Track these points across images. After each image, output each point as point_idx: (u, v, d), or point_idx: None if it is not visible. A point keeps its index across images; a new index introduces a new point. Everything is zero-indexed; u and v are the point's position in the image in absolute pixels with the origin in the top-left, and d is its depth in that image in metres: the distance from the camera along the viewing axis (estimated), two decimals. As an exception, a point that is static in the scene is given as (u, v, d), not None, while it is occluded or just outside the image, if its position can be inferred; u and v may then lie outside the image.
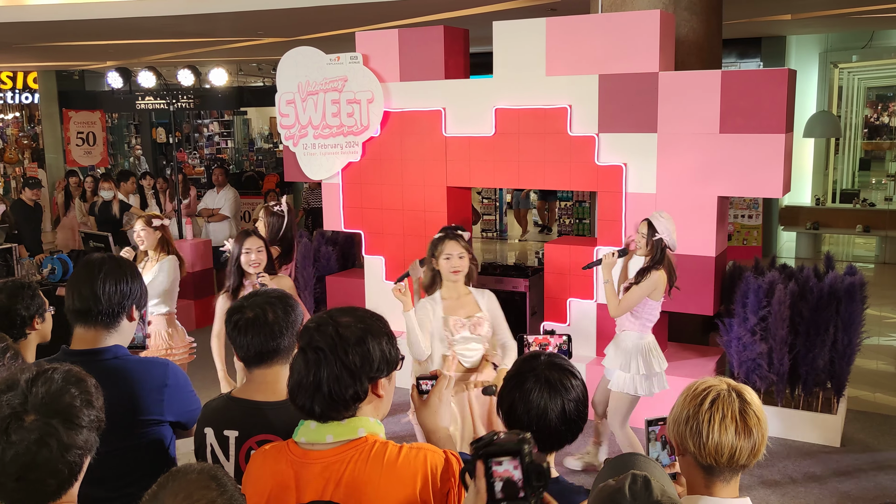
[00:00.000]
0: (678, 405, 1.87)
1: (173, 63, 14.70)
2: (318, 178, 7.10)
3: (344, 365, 1.74)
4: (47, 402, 1.57)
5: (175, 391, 2.40)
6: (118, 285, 2.40)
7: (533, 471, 1.36)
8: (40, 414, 1.55)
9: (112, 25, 9.28)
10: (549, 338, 2.75)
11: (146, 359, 2.47)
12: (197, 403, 2.48)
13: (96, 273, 2.40)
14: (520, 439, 1.38)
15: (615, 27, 5.64)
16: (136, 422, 2.32)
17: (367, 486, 1.72)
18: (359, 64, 6.65)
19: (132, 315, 2.46)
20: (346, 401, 1.76)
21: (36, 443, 1.52)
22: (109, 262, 2.46)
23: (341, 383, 1.74)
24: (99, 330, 2.40)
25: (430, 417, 1.98)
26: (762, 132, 5.28)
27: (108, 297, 2.37)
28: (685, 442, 1.82)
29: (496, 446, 1.40)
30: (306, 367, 1.76)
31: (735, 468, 1.81)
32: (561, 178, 6.04)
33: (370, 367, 1.77)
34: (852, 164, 15.46)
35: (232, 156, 21.00)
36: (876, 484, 4.97)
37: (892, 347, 7.91)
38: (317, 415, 1.78)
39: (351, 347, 1.75)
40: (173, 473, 1.45)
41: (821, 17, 9.87)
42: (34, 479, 1.53)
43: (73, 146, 14.82)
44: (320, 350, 1.75)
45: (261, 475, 1.85)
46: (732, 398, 1.81)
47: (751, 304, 5.46)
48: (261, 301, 2.27)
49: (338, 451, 1.76)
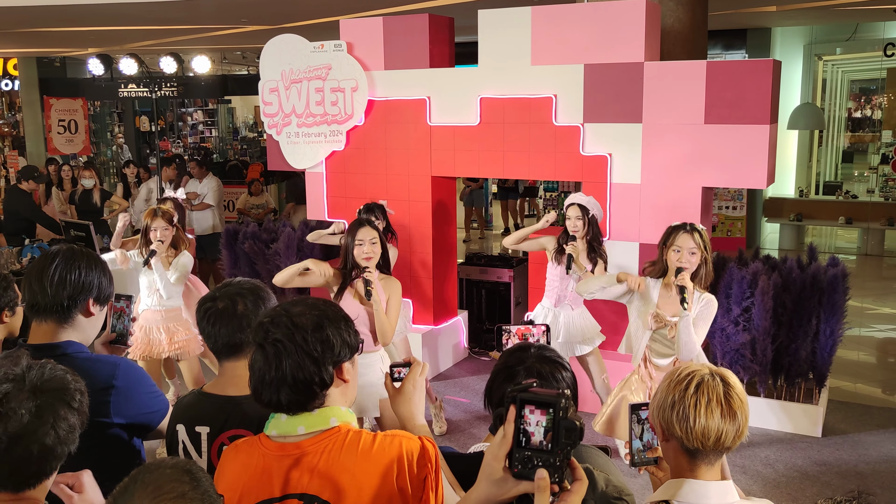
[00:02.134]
0: (662, 391, 1.88)
1: (156, 50, 14.54)
2: (301, 167, 7.05)
3: (305, 353, 1.72)
4: (46, 380, 1.62)
5: (125, 393, 2.25)
6: (68, 277, 2.27)
7: (564, 427, 1.34)
8: (38, 391, 1.59)
9: (93, 11, 9.15)
10: (530, 328, 2.74)
11: (95, 357, 2.34)
12: (158, 405, 2.36)
13: (48, 264, 2.28)
14: (559, 394, 1.36)
15: (601, 17, 5.62)
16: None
17: (342, 476, 1.70)
18: (343, 52, 6.59)
19: (89, 310, 2.32)
20: (312, 389, 1.74)
21: (32, 413, 1.56)
22: (64, 253, 2.32)
23: (305, 371, 1.72)
24: (51, 324, 2.28)
25: (405, 405, 1.96)
26: (747, 123, 5.28)
27: (55, 291, 2.25)
28: (671, 427, 1.84)
29: (533, 394, 1.38)
30: (267, 362, 1.73)
31: (720, 451, 1.84)
32: (546, 168, 6.02)
33: (332, 352, 1.75)
34: (835, 156, 15.55)
35: (216, 144, 20.85)
36: (857, 473, 5.01)
37: (873, 338, 7.97)
38: (285, 407, 1.75)
39: (310, 335, 1.73)
40: (146, 467, 1.42)
41: (805, 9, 9.89)
42: (20, 450, 1.55)
43: (55, 134, 14.64)
44: (279, 342, 1.73)
45: (234, 469, 1.82)
46: (717, 382, 1.84)
47: (734, 295, 5.48)
48: (232, 292, 2.22)
49: (311, 441, 1.75)
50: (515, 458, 1.37)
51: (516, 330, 2.72)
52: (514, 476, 1.38)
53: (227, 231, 7.70)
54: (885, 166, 13.61)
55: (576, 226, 4.90)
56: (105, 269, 2.40)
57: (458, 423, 5.79)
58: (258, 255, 7.39)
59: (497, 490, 1.40)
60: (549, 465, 1.34)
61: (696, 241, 3.99)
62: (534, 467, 1.35)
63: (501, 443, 1.39)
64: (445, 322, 6.91)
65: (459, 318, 7.14)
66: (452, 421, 5.85)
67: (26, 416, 1.56)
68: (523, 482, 1.37)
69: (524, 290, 7.10)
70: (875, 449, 5.35)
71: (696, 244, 3.99)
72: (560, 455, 1.34)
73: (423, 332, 6.60)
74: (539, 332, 2.72)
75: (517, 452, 1.37)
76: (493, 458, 1.40)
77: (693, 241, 3.99)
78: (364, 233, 4.18)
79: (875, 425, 5.73)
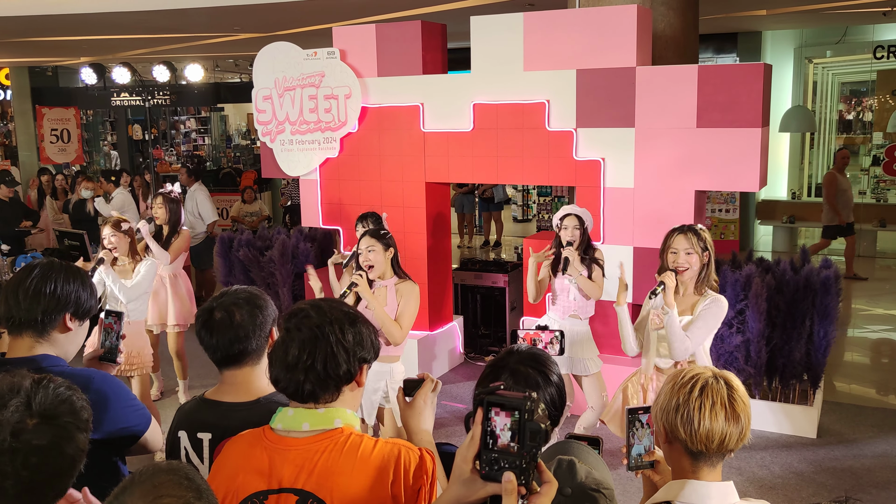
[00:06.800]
0: (665, 394, 1.89)
1: (148, 59, 14.54)
2: (295, 174, 7.05)
3: (339, 342, 1.78)
4: (54, 404, 1.59)
5: (98, 407, 2.12)
6: (44, 290, 2.23)
7: (529, 429, 1.36)
8: (48, 418, 1.56)
9: (86, 21, 9.15)
10: (539, 333, 2.72)
11: (70, 370, 2.27)
12: (138, 419, 2.31)
13: (25, 278, 2.25)
14: (525, 396, 1.37)
15: (592, 22, 5.65)
16: None
17: (339, 477, 1.73)
18: (336, 59, 6.61)
19: (66, 325, 2.28)
20: (338, 379, 1.79)
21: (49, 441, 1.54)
22: (43, 266, 2.29)
23: (337, 360, 1.78)
24: (27, 339, 2.24)
25: (414, 419, 2.01)
26: (739, 126, 5.31)
27: (29, 304, 2.22)
28: (675, 430, 1.85)
29: (499, 396, 1.39)
30: (302, 348, 1.78)
31: (723, 453, 1.86)
32: (539, 174, 6.04)
33: (361, 347, 1.82)
34: (827, 158, 15.62)
35: (209, 152, 20.82)
36: (852, 474, 5.02)
37: (866, 339, 8.00)
38: (305, 394, 1.79)
39: (346, 326, 1.81)
40: (141, 473, 1.42)
41: (795, 13, 9.96)
42: (41, 478, 1.53)
43: (48, 143, 14.61)
44: (317, 327, 1.79)
45: (235, 456, 1.86)
46: (720, 385, 1.85)
47: (728, 298, 5.48)
48: (228, 302, 2.20)
49: (313, 439, 1.78)
50: (483, 459, 1.39)
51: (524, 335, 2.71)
52: (482, 478, 1.40)
53: (221, 239, 7.70)
54: (877, 168, 13.67)
55: (573, 235, 4.94)
56: (86, 282, 2.36)
57: (454, 429, 5.80)
58: (253, 263, 7.39)
59: (466, 491, 1.42)
60: (515, 467, 1.36)
61: (691, 241, 4.00)
62: (501, 469, 1.37)
63: (469, 444, 1.41)
64: (441, 328, 6.92)
65: (455, 324, 7.14)
66: (448, 426, 5.85)
67: (42, 448, 1.53)
68: (491, 484, 1.39)
69: (519, 296, 7.11)
70: (870, 449, 5.37)
71: (691, 244, 3.99)
72: (526, 457, 1.36)
73: (419, 338, 6.60)
74: (548, 337, 2.70)
75: (484, 454, 1.39)
76: (461, 459, 1.43)
77: (687, 241, 4.00)
78: (362, 243, 4.39)
79: (870, 426, 5.76)
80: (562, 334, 2.74)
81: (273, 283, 7.34)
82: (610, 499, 1.64)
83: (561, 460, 1.57)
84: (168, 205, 6.19)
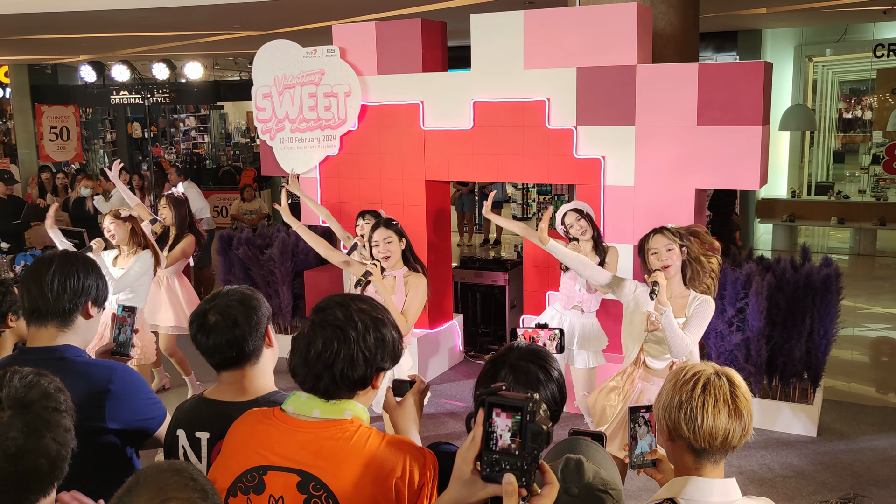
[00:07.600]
0: (668, 392, 1.88)
1: (148, 57, 14.52)
2: (295, 172, 7.03)
3: (361, 348, 1.78)
4: (24, 391, 1.55)
5: (120, 398, 2.25)
6: (68, 282, 2.30)
7: (531, 431, 1.35)
8: (21, 406, 1.53)
9: (85, 18, 9.14)
10: (538, 331, 2.71)
11: (93, 361, 2.35)
12: (156, 412, 2.36)
13: (45, 270, 2.30)
14: (527, 397, 1.37)
15: (593, 20, 5.64)
16: (78, 427, 2.22)
17: (344, 465, 1.74)
18: (336, 57, 6.60)
19: (88, 312, 2.35)
20: (353, 383, 1.80)
21: (25, 431, 1.50)
22: (60, 257, 2.35)
23: (355, 365, 1.78)
24: (51, 329, 2.30)
25: (404, 419, 2.01)
26: (739, 124, 5.31)
27: (56, 295, 2.28)
28: (678, 428, 1.84)
29: (501, 397, 1.39)
30: (324, 344, 1.78)
31: (726, 450, 1.86)
32: (539, 172, 6.04)
33: (382, 354, 1.82)
34: (827, 157, 15.61)
35: (209, 150, 20.81)
36: (852, 472, 5.03)
37: (866, 338, 8.01)
38: (320, 391, 1.80)
39: (370, 332, 1.80)
40: (146, 473, 1.41)
41: (795, 11, 9.95)
42: (26, 466, 1.50)
43: (47, 141, 14.61)
44: (340, 329, 1.79)
45: (242, 432, 1.88)
46: (723, 382, 1.85)
47: (728, 296, 5.50)
48: (222, 304, 2.17)
49: (322, 425, 1.79)
50: (484, 460, 1.39)
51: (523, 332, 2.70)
52: (482, 479, 1.39)
53: (221, 237, 7.69)
54: (877, 166, 13.68)
55: (581, 227, 5.02)
56: (99, 272, 2.43)
57: (454, 427, 5.80)
58: (252, 261, 7.39)
59: (466, 492, 1.42)
60: (516, 468, 1.35)
61: (667, 236, 4.01)
62: (501, 470, 1.36)
63: (470, 445, 1.41)
64: (441, 326, 6.92)
65: (455, 322, 7.14)
66: (448, 424, 5.85)
67: (20, 437, 1.50)
68: (491, 485, 1.38)
69: (519, 294, 7.10)
70: (870, 448, 5.37)
71: (669, 240, 4.01)
72: (528, 459, 1.35)
73: (419, 336, 6.60)
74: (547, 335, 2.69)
75: (485, 455, 1.38)
76: (462, 460, 1.42)
77: (664, 238, 4.02)
78: (377, 234, 4.45)
79: (870, 424, 5.76)
80: (561, 332, 2.73)
81: (273, 282, 7.34)
82: (617, 500, 1.62)
83: (569, 459, 1.56)
84: (173, 206, 6.20)
